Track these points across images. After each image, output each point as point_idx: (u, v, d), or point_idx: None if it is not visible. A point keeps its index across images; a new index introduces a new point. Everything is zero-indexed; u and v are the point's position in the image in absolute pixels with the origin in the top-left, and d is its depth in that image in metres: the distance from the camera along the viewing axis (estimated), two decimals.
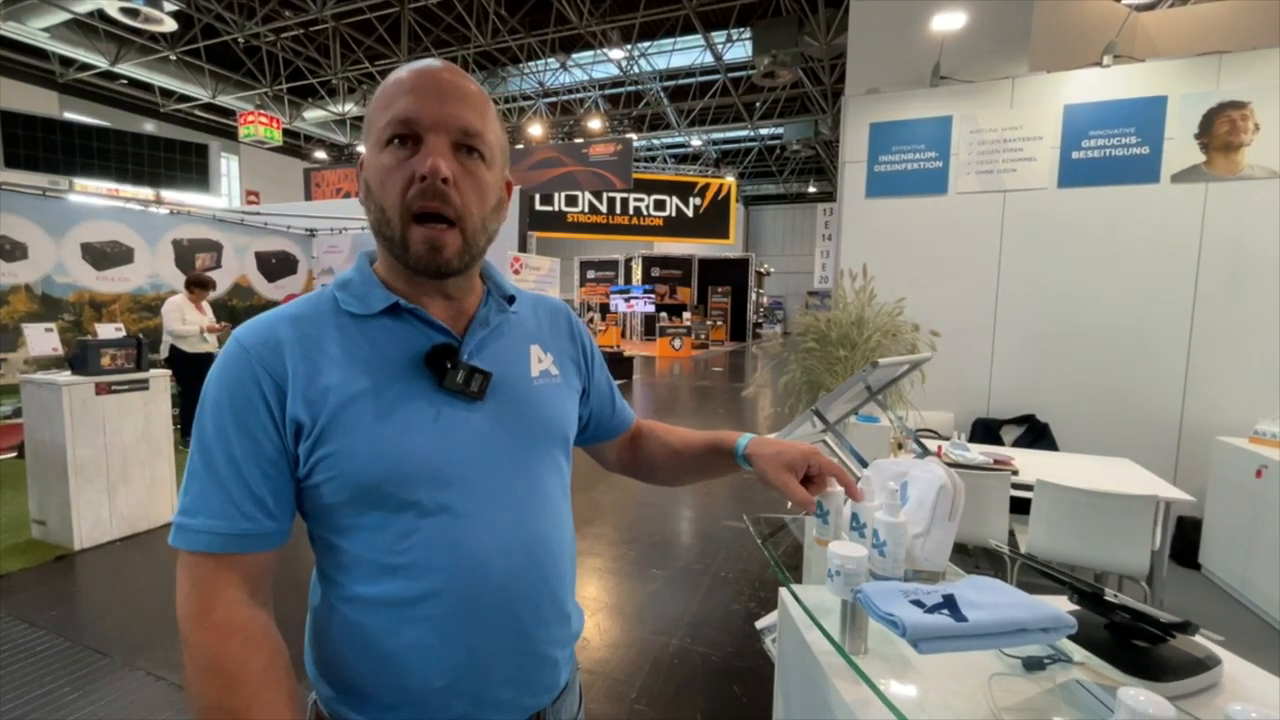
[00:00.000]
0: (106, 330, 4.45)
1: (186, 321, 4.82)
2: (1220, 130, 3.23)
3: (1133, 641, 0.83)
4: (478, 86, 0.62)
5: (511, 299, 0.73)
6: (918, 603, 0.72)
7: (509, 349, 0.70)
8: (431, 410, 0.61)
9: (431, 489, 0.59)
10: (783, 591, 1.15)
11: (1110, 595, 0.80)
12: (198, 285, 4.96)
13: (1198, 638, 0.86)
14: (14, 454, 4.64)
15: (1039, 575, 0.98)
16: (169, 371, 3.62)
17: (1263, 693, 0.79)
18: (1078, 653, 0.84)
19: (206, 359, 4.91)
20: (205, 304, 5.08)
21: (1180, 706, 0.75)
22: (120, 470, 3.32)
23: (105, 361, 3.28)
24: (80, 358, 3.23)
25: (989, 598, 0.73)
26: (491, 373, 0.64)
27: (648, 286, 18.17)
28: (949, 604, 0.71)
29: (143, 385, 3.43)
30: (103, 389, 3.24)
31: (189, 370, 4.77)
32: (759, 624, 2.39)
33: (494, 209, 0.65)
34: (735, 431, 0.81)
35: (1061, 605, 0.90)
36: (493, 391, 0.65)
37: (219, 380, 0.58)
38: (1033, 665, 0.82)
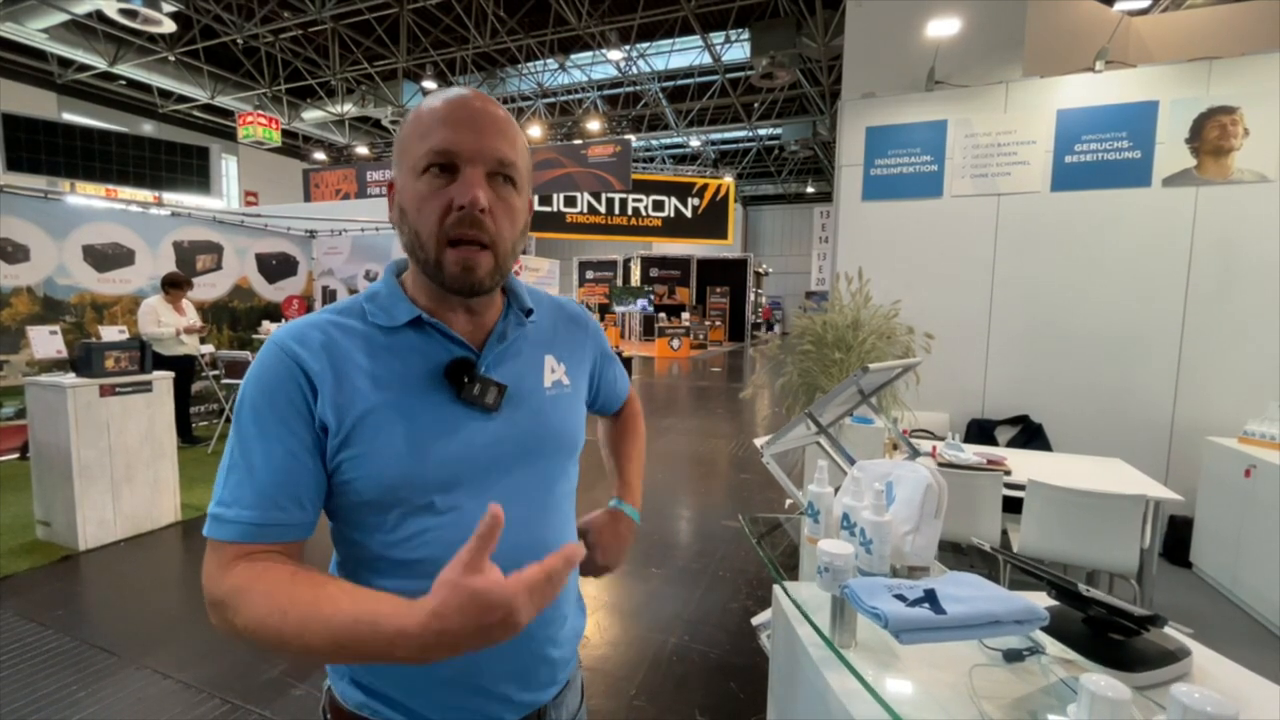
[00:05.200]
0: (110, 333, 4.49)
1: (161, 324, 4.74)
2: (1210, 135, 3.28)
3: (1108, 635, 0.87)
4: (507, 113, 0.65)
5: (530, 311, 0.75)
6: (900, 597, 0.77)
7: (524, 361, 0.73)
8: (449, 420, 0.65)
9: (445, 493, 0.64)
10: (776, 588, 1.19)
11: (1084, 590, 0.84)
12: (173, 285, 4.87)
13: (1170, 631, 0.90)
14: (15, 455, 4.66)
15: (1021, 572, 1.03)
16: (172, 374, 3.64)
17: (1228, 681, 0.83)
18: (1056, 645, 0.89)
19: (182, 361, 4.83)
20: (186, 304, 5.00)
21: (1150, 696, 0.79)
22: (124, 471, 3.36)
23: (109, 364, 3.31)
24: (85, 360, 3.26)
25: (968, 592, 0.77)
26: (506, 386, 0.68)
27: (646, 299, 18.13)
28: (930, 598, 0.75)
29: (146, 387, 3.46)
30: (107, 391, 3.27)
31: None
32: (755, 621, 2.43)
33: (522, 231, 0.68)
34: (620, 490, 0.96)
35: (1041, 600, 0.94)
36: (507, 402, 0.68)
37: (258, 378, 0.62)
38: (1012, 657, 0.86)
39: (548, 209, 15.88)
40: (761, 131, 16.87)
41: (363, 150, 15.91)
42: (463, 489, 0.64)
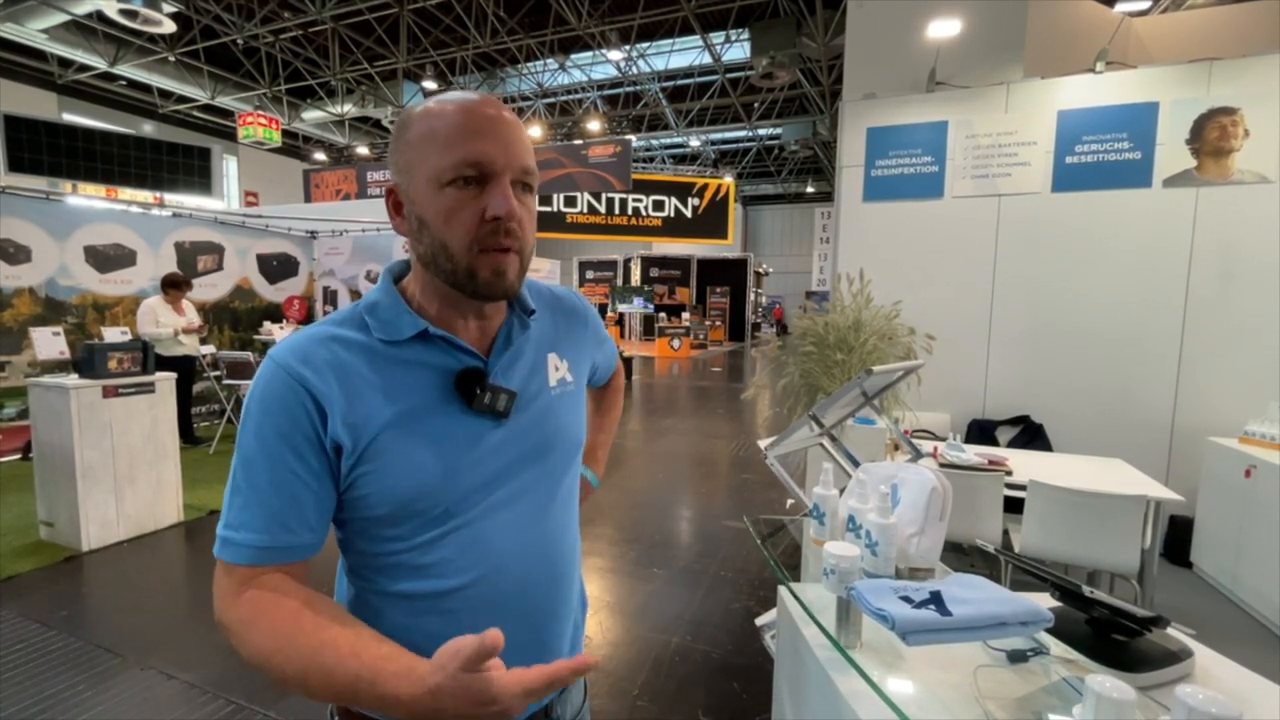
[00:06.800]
0: (112, 333, 4.50)
1: (160, 324, 4.74)
2: (1211, 136, 3.29)
3: (1111, 636, 0.88)
4: (516, 118, 0.64)
5: (532, 311, 0.74)
6: (906, 598, 0.77)
7: (530, 363, 0.73)
8: (461, 431, 0.65)
9: (459, 500, 0.64)
10: (781, 589, 1.20)
11: (1087, 591, 0.85)
12: (171, 286, 4.87)
13: (1172, 631, 0.91)
14: (18, 456, 4.67)
15: (1024, 573, 1.03)
16: (175, 374, 3.64)
17: (1231, 682, 0.84)
18: (1059, 647, 0.89)
19: (182, 362, 4.80)
20: (186, 304, 5.00)
21: (1153, 696, 0.80)
22: (127, 472, 3.36)
23: (112, 365, 3.32)
24: (88, 361, 3.26)
25: (973, 594, 0.78)
26: (517, 393, 0.68)
27: (646, 299, 18.09)
28: (935, 600, 0.76)
29: (149, 388, 3.47)
30: (110, 392, 3.28)
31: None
32: (759, 621, 2.44)
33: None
34: (585, 458, 0.99)
35: (1045, 602, 0.95)
36: (515, 406, 0.68)
37: (261, 399, 0.61)
38: (1016, 658, 0.87)
39: (548, 209, 15.88)
40: (761, 131, 16.86)
41: (363, 150, 15.90)
42: (476, 494, 0.65)
